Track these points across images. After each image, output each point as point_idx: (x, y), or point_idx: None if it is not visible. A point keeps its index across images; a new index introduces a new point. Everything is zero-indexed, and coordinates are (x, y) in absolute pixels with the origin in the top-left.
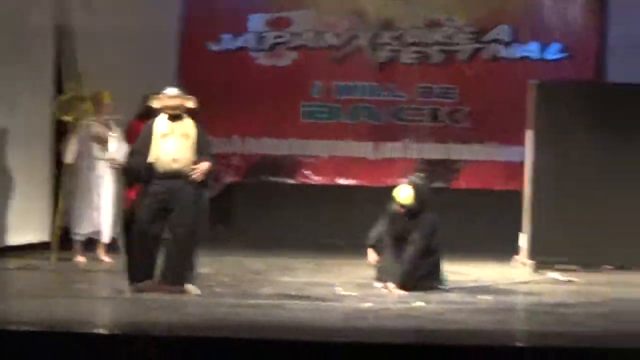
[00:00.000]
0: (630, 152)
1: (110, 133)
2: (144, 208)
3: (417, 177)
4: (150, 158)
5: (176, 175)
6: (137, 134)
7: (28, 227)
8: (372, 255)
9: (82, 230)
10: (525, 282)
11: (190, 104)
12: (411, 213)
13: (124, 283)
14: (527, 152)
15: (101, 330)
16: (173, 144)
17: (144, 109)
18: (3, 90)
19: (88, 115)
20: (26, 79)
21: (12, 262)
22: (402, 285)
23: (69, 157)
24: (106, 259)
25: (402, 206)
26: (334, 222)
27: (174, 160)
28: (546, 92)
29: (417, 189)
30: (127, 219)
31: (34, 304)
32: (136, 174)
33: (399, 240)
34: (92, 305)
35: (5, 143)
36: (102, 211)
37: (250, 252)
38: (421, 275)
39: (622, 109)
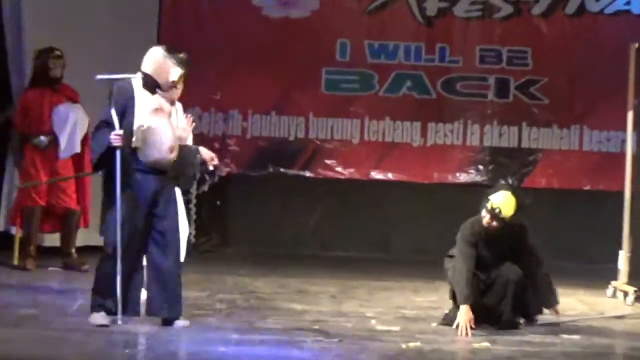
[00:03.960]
0: None
1: None
2: (125, 215)
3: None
4: (136, 141)
5: (164, 171)
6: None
7: None
8: (468, 314)
9: None
10: (624, 317)
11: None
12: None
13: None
14: (627, 141)
15: None
16: (169, 126)
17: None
18: None
19: None
20: None
21: None
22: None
23: None
24: None
25: (498, 217)
26: (365, 230)
27: (172, 149)
28: None
29: (518, 198)
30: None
31: None
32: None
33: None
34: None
35: None
36: None
37: (252, 270)
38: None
39: None
